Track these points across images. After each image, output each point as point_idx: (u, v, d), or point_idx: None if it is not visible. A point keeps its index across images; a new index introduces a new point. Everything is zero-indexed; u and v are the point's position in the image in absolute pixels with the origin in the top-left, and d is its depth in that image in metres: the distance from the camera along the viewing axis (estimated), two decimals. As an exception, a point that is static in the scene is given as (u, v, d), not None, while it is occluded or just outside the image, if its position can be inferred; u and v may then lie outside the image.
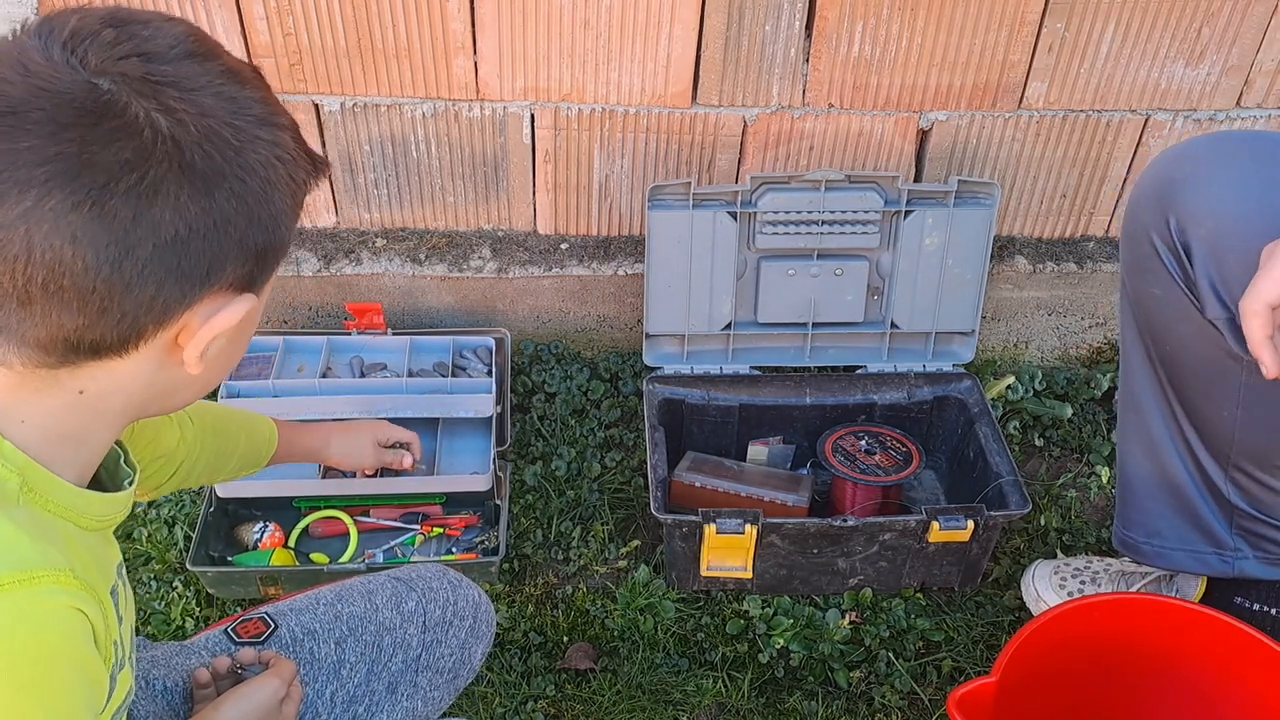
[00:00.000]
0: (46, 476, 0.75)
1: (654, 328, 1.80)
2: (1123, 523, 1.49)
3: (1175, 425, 1.35)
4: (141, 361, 0.74)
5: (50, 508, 0.75)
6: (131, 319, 0.70)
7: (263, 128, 0.73)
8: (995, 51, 1.71)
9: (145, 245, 0.68)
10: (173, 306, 0.72)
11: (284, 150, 0.74)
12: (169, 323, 0.72)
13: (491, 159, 1.81)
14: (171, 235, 0.68)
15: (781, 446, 1.83)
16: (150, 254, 0.68)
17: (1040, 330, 2.01)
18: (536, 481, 1.80)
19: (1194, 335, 1.25)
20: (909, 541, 1.59)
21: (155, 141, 0.67)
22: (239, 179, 0.71)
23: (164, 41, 0.70)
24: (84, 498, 0.78)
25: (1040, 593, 1.60)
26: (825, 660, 1.59)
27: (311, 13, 1.63)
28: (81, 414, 0.76)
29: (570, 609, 1.64)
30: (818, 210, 1.71)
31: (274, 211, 0.74)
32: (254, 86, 0.74)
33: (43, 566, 0.69)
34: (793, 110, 1.76)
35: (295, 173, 0.75)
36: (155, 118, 0.67)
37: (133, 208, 0.66)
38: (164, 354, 0.75)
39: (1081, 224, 1.94)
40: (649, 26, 1.66)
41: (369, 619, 1.16)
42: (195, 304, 0.73)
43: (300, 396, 1.72)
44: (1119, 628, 1.25)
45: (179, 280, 0.70)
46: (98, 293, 0.68)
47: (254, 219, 0.73)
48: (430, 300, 1.90)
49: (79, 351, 0.71)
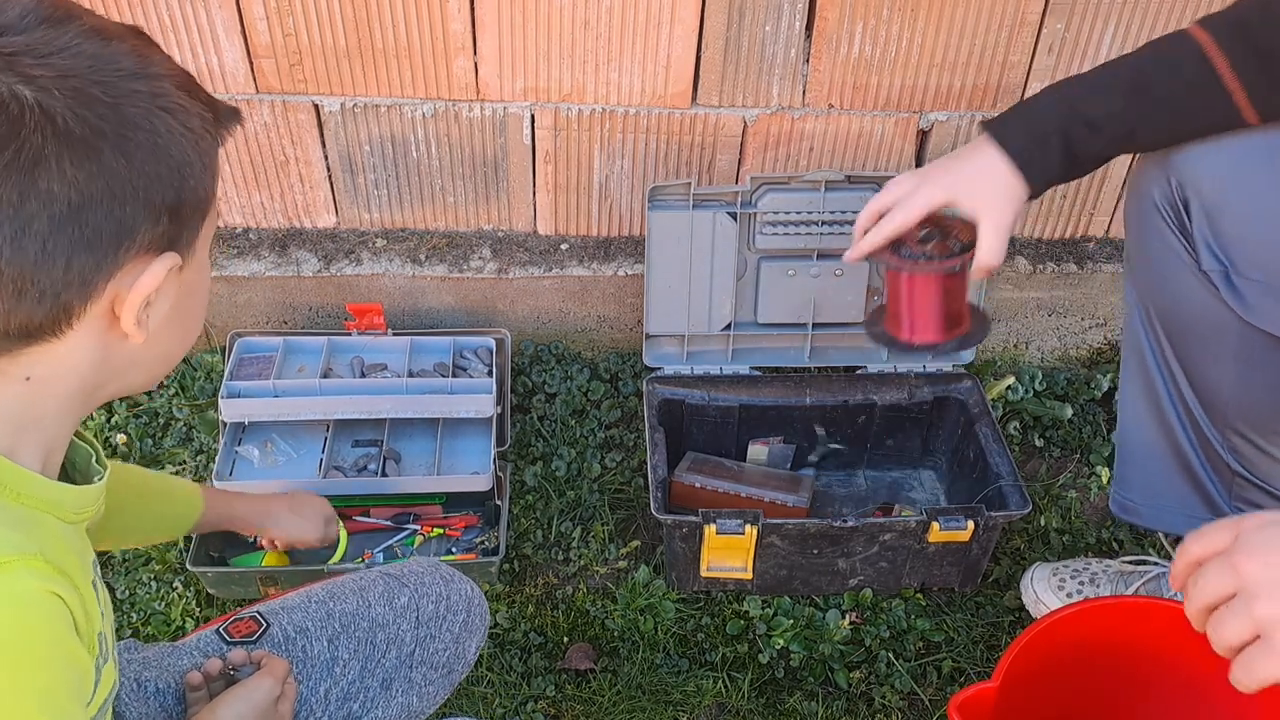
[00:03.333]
0: (13, 469, 0.74)
1: (654, 328, 1.80)
2: (1122, 485, 1.50)
3: (1175, 387, 1.38)
4: (82, 339, 0.73)
5: (23, 500, 0.74)
6: (52, 297, 0.69)
7: (137, 80, 0.69)
8: (995, 52, 1.70)
9: (40, 220, 0.66)
10: (91, 277, 0.70)
11: (168, 100, 0.71)
12: (94, 295, 0.71)
13: (491, 159, 1.81)
14: (65, 205, 0.66)
15: (782, 446, 1.84)
16: (48, 228, 0.66)
17: (1040, 330, 2.01)
18: (536, 482, 1.80)
19: (1190, 289, 1.30)
20: (909, 542, 1.59)
21: (23, 114, 0.64)
22: (121, 136, 0.68)
23: (12, 13, 0.67)
24: (56, 489, 0.77)
25: (1039, 595, 1.60)
26: (825, 661, 1.59)
27: (311, 13, 1.63)
28: (34, 401, 0.75)
29: (570, 609, 1.64)
30: (818, 211, 1.71)
31: (173, 164, 0.71)
32: (122, 40, 0.71)
33: (12, 552, 0.69)
34: (792, 111, 1.76)
35: (188, 121, 0.72)
36: (18, 89, 0.65)
37: (17, 185, 0.65)
38: (104, 328, 0.73)
39: (1081, 224, 1.94)
40: (649, 27, 1.65)
41: (361, 615, 1.16)
42: (116, 272, 0.71)
43: (301, 397, 1.72)
44: (1119, 631, 1.25)
45: (88, 249, 0.68)
46: (7, 276, 0.66)
47: (152, 175, 0.70)
48: (430, 301, 1.90)
49: (10, 336, 0.70)
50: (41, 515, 0.76)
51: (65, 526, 0.79)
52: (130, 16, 1.63)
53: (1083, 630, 1.25)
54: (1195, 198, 1.26)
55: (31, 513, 0.75)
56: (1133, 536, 1.77)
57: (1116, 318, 1.99)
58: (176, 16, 1.64)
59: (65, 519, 0.79)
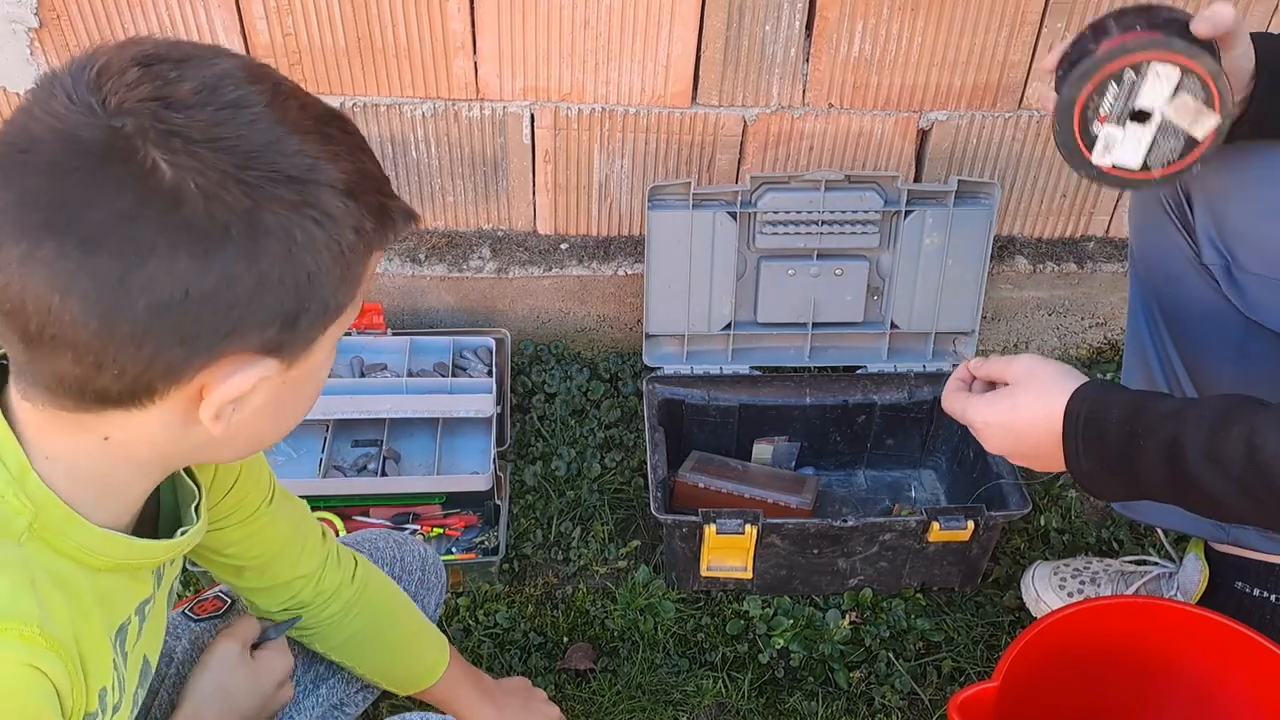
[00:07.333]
0: (68, 515, 0.72)
1: (654, 328, 1.80)
2: None
3: (1176, 381, 1.38)
4: (164, 415, 0.70)
5: (59, 547, 0.72)
6: (134, 376, 0.65)
7: (288, 185, 0.64)
8: (995, 51, 1.70)
9: (137, 304, 0.62)
10: (179, 369, 0.66)
11: (319, 210, 0.66)
12: (180, 382, 0.67)
13: (491, 159, 1.81)
14: (167, 296, 0.62)
15: (787, 445, 1.83)
16: (144, 313, 0.63)
17: (1040, 330, 2.01)
18: (536, 481, 1.80)
19: (1192, 283, 1.29)
20: (909, 541, 1.59)
21: (156, 194, 0.61)
22: (250, 239, 0.63)
23: (190, 84, 0.64)
24: (104, 540, 0.75)
25: (1040, 593, 1.60)
26: (825, 660, 1.59)
27: (311, 13, 1.63)
28: (109, 459, 0.73)
29: (570, 609, 1.64)
30: (817, 210, 1.71)
31: (304, 274, 0.66)
32: (302, 138, 0.66)
33: (8, 619, 0.67)
34: (792, 110, 1.76)
35: (338, 232, 0.67)
36: (161, 168, 0.61)
37: (121, 264, 0.61)
38: (188, 409, 0.70)
39: (1081, 224, 1.94)
40: (649, 26, 1.65)
41: None
42: (211, 365, 0.67)
43: (300, 397, 1.72)
44: (1119, 630, 1.25)
45: (181, 344, 0.65)
46: (90, 346, 0.63)
47: (275, 282, 0.65)
48: (430, 300, 1.90)
49: (86, 399, 0.67)
50: (72, 564, 0.74)
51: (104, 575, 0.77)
52: (130, 17, 1.63)
53: (1083, 630, 1.25)
54: (1199, 191, 1.26)
55: (62, 560, 0.73)
56: (1133, 536, 1.76)
57: (1116, 317, 1.99)
58: (176, 16, 1.64)
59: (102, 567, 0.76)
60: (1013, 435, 1.09)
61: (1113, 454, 1.01)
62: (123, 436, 0.71)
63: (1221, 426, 0.96)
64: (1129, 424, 1.00)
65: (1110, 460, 1.02)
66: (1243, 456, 0.94)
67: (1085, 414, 1.03)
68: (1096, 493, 1.07)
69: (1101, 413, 1.02)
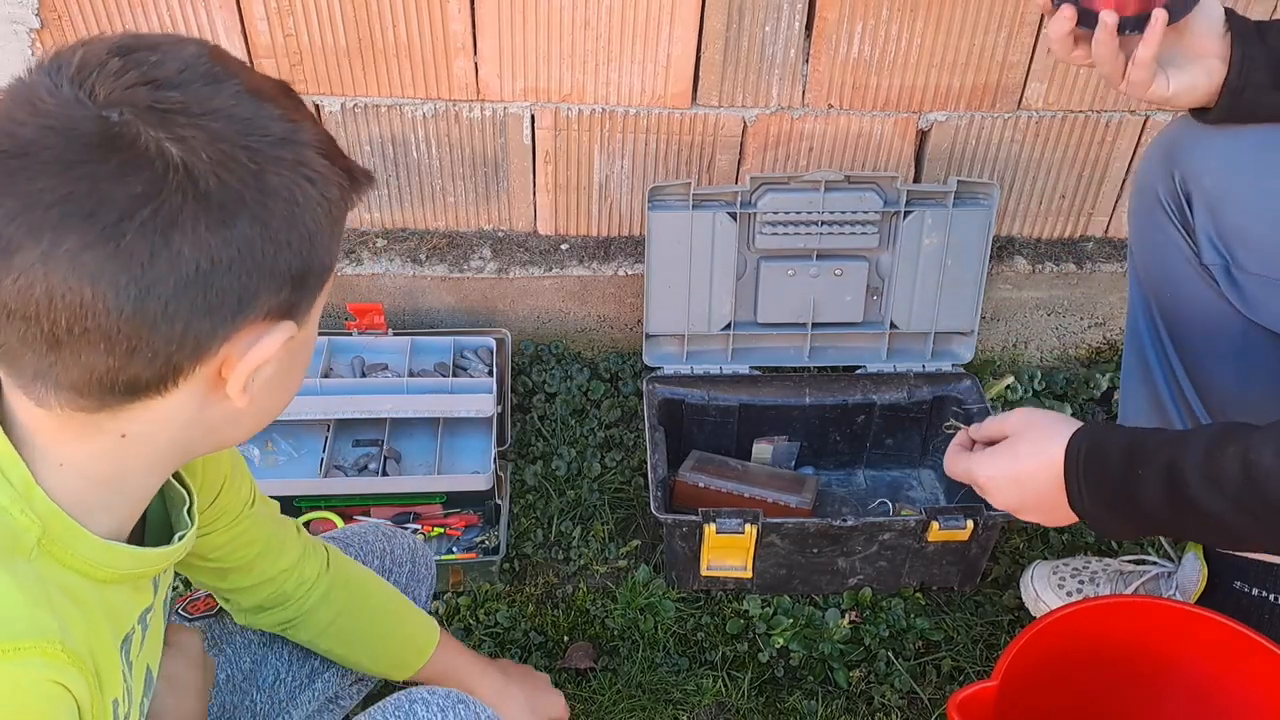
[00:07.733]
0: (73, 529, 0.72)
1: (654, 328, 1.80)
2: None
3: (1175, 382, 1.39)
4: (184, 398, 0.71)
5: (67, 561, 0.73)
6: (165, 357, 0.67)
7: (284, 147, 0.68)
8: (994, 52, 1.71)
9: (167, 281, 0.64)
10: (206, 341, 0.68)
11: (310, 169, 0.70)
12: (207, 357, 0.69)
13: (492, 159, 1.81)
14: (194, 269, 0.65)
15: (786, 444, 1.84)
16: (174, 289, 0.65)
17: (1039, 330, 2.01)
18: (536, 481, 1.81)
19: (1192, 283, 1.30)
20: (908, 541, 1.60)
21: (167, 172, 0.63)
22: (260, 204, 0.67)
23: (172, 66, 0.66)
24: (108, 552, 0.76)
25: (1039, 593, 1.61)
26: (825, 660, 1.59)
27: (312, 13, 1.63)
28: (124, 459, 0.74)
29: (570, 609, 1.65)
30: (817, 211, 1.71)
31: (305, 233, 0.70)
32: (274, 102, 0.70)
33: (31, 637, 0.67)
34: (792, 111, 1.76)
35: (327, 190, 0.71)
36: (166, 147, 0.64)
37: (149, 243, 0.63)
38: (208, 389, 0.72)
39: (1081, 224, 1.95)
40: (649, 27, 1.66)
41: None
42: (232, 336, 0.69)
43: (301, 396, 1.69)
44: (1118, 630, 1.26)
45: (208, 314, 0.67)
46: (124, 333, 0.65)
47: (284, 244, 0.69)
48: (431, 300, 1.90)
49: (114, 392, 0.68)
50: (80, 578, 0.74)
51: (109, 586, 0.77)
52: (130, 17, 1.64)
53: (1083, 630, 1.25)
54: (1198, 191, 1.26)
55: (70, 574, 0.73)
56: (1132, 536, 1.77)
57: (1115, 317, 1.99)
58: (177, 16, 1.64)
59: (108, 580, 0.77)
60: (1017, 485, 1.11)
61: (1114, 487, 1.03)
62: (140, 430, 0.72)
63: (1217, 447, 0.97)
64: (1128, 455, 1.02)
65: (1112, 494, 1.03)
66: (1239, 474, 0.95)
67: (1085, 453, 1.04)
68: (1102, 530, 1.08)
69: (1101, 449, 1.04)
